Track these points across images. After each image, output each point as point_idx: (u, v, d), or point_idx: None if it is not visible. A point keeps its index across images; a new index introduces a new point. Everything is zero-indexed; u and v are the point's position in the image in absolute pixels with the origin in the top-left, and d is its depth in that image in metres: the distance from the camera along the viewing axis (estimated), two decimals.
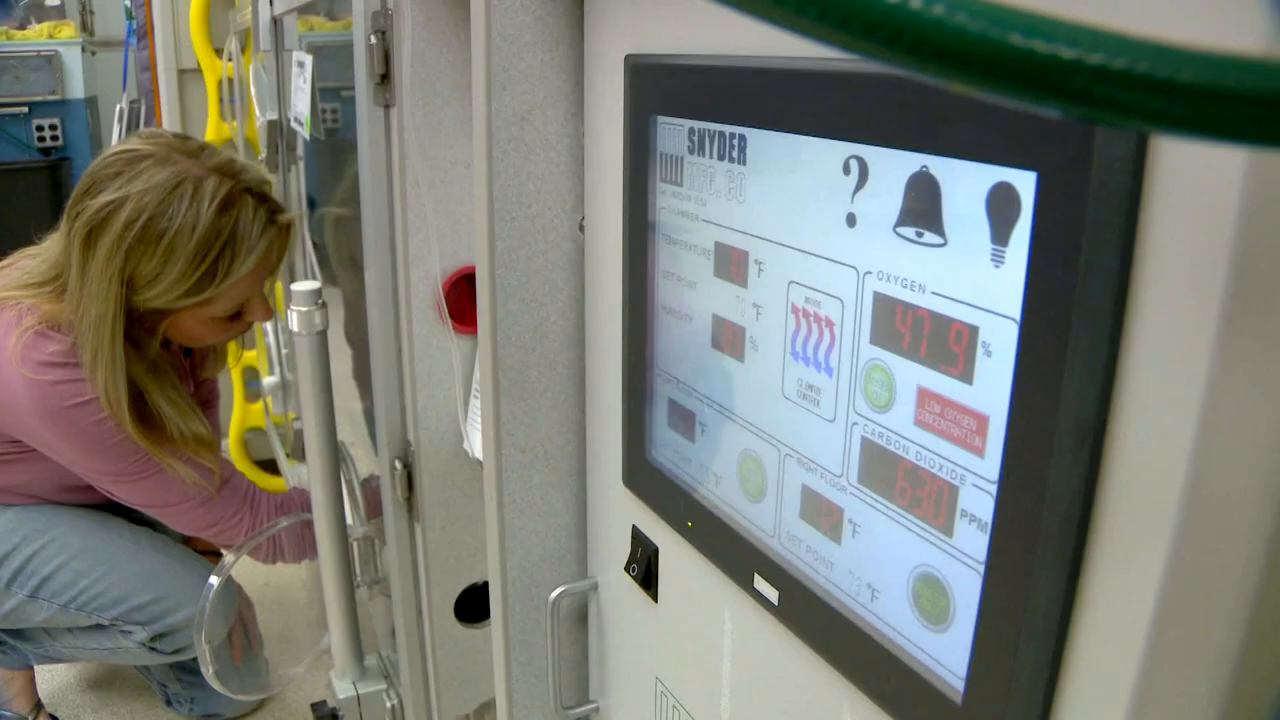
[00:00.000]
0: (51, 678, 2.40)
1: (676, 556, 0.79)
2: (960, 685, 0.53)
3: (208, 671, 1.64)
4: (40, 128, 5.88)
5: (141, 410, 1.72)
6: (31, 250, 1.83)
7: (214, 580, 1.60)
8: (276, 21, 1.95)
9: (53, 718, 2.25)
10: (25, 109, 5.84)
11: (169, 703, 2.29)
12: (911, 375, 0.53)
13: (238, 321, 1.81)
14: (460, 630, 1.27)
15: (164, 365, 1.79)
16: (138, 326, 1.69)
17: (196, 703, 2.25)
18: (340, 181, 2.15)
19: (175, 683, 2.26)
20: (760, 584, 0.67)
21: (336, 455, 1.40)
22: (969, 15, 0.25)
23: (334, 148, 1.85)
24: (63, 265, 1.68)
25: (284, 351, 2.26)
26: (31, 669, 2.23)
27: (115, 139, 4.94)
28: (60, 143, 5.93)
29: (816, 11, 0.26)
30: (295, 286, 1.34)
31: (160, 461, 1.74)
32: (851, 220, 0.55)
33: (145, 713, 2.30)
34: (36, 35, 5.90)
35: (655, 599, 0.84)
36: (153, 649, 1.98)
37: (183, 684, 2.25)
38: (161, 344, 1.78)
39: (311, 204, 2.11)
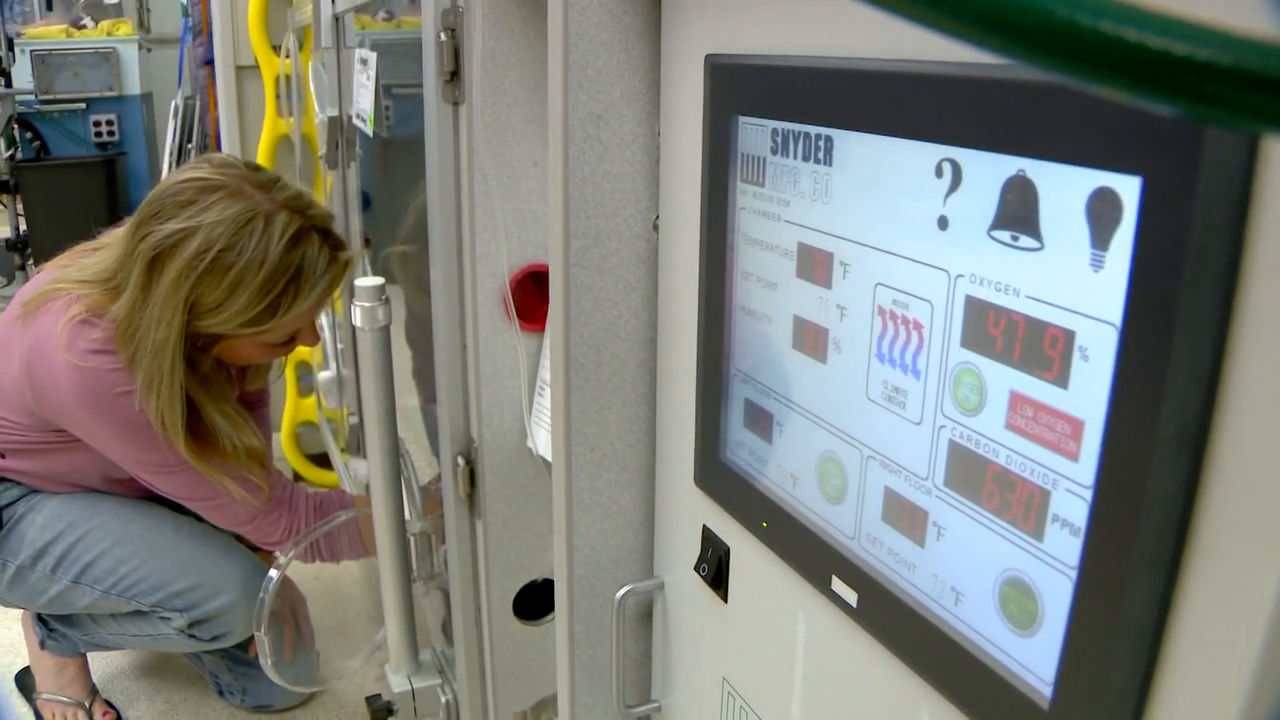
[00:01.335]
0: (105, 666, 2.43)
1: (749, 557, 0.79)
2: (1048, 690, 0.53)
3: (266, 663, 1.66)
4: (97, 123, 5.98)
5: (194, 425, 1.76)
6: (89, 246, 1.86)
7: (274, 574, 1.61)
8: (338, 19, 1.97)
9: (108, 704, 2.27)
10: (83, 105, 5.95)
11: (221, 693, 2.31)
12: (1003, 379, 0.53)
13: (287, 346, 1.85)
14: (518, 627, 1.27)
15: (217, 379, 1.83)
16: (191, 345, 1.72)
17: (248, 694, 2.28)
18: (397, 179, 2.16)
19: (226, 673, 2.28)
20: (838, 586, 0.67)
21: (397, 450, 1.41)
22: (1090, 14, 0.25)
23: (391, 145, 1.86)
24: (119, 274, 1.71)
25: (339, 347, 2.28)
26: (84, 656, 2.27)
27: (170, 135, 5.00)
28: (117, 138, 6.03)
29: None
30: (359, 282, 1.35)
31: (210, 478, 1.78)
32: (943, 223, 0.55)
33: (198, 702, 2.32)
34: (95, 33, 5.99)
35: (725, 599, 0.84)
36: (191, 636, 2.01)
37: (234, 675, 2.27)
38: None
39: (366, 201, 2.12)
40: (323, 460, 3.25)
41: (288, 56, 2.80)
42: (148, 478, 1.83)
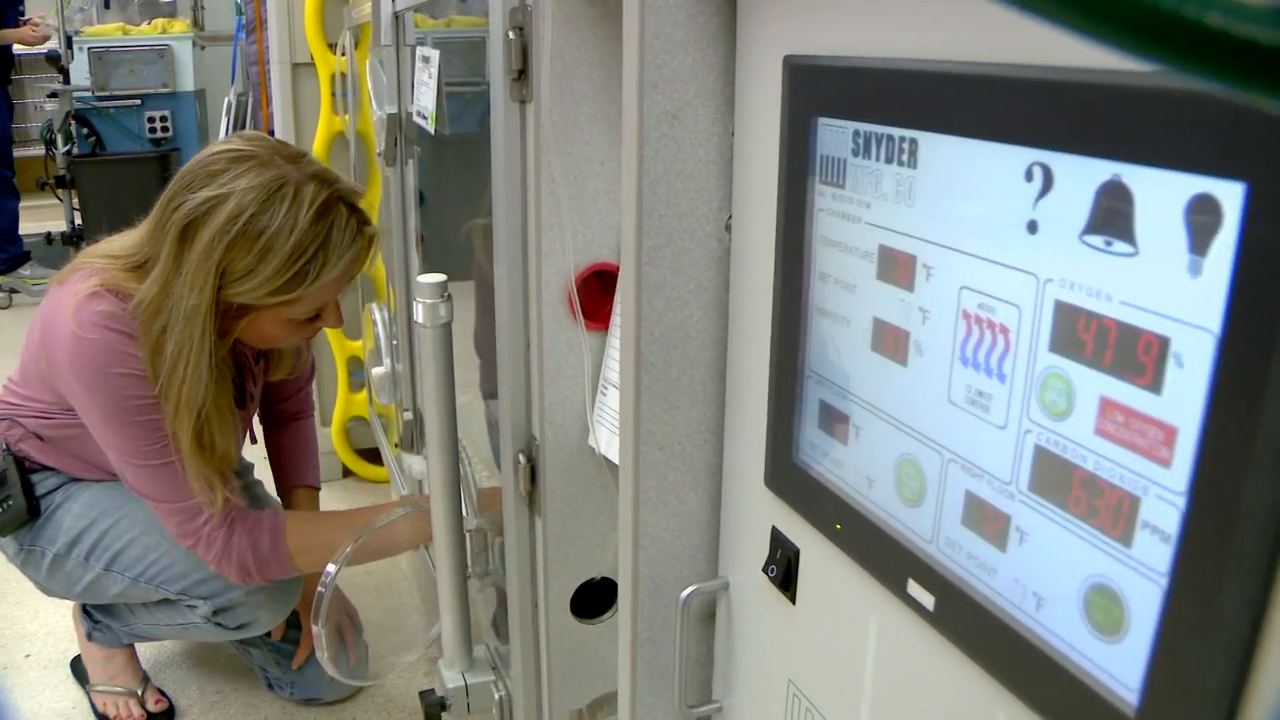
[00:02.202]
0: (157, 656, 2.46)
1: (819, 559, 0.79)
2: (1134, 698, 0.52)
3: (322, 656, 1.67)
4: (152, 119, 6.07)
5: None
6: (127, 232, 1.90)
7: (331, 568, 1.62)
8: (398, 17, 1.98)
9: (160, 691, 2.30)
10: (138, 101, 6.04)
11: (270, 686, 2.33)
12: (1093, 384, 0.53)
13: (311, 325, 1.88)
14: (575, 625, 1.28)
15: (225, 370, 1.86)
16: (217, 321, 1.75)
17: (296, 686, 2.30)
18: (450, 176, 2.18)
19: (275, 666, 2.30)
20: (914, 589, 0.67)
21: (456, 447, 1.42)
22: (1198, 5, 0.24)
23: (442, 142, 1.87)
24: (146, 247, 1.75)
25: (394, 343, 2.29)
26: (131, 647, 2.30)
27: (223, 131, 5.06)
28: (170, 134, 6.12)
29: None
30: (421, 279, 1.36)
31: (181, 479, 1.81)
32: (1033, 227, 0.55)
33: (248, 694, 2.34)
34: (151, 30, 6.09)
35: (793, 600, 0.84)
36: (217, 624, 2.04)
37: (282, 668, 2.30)
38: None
39: (420, 199, 2.14)
40: (373, 455, 3.27)
41: (343, 54, 2.82)
42: (122, 467, 1.87)
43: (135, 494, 1.90)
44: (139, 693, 2.26)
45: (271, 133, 3.74)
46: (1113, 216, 0.50)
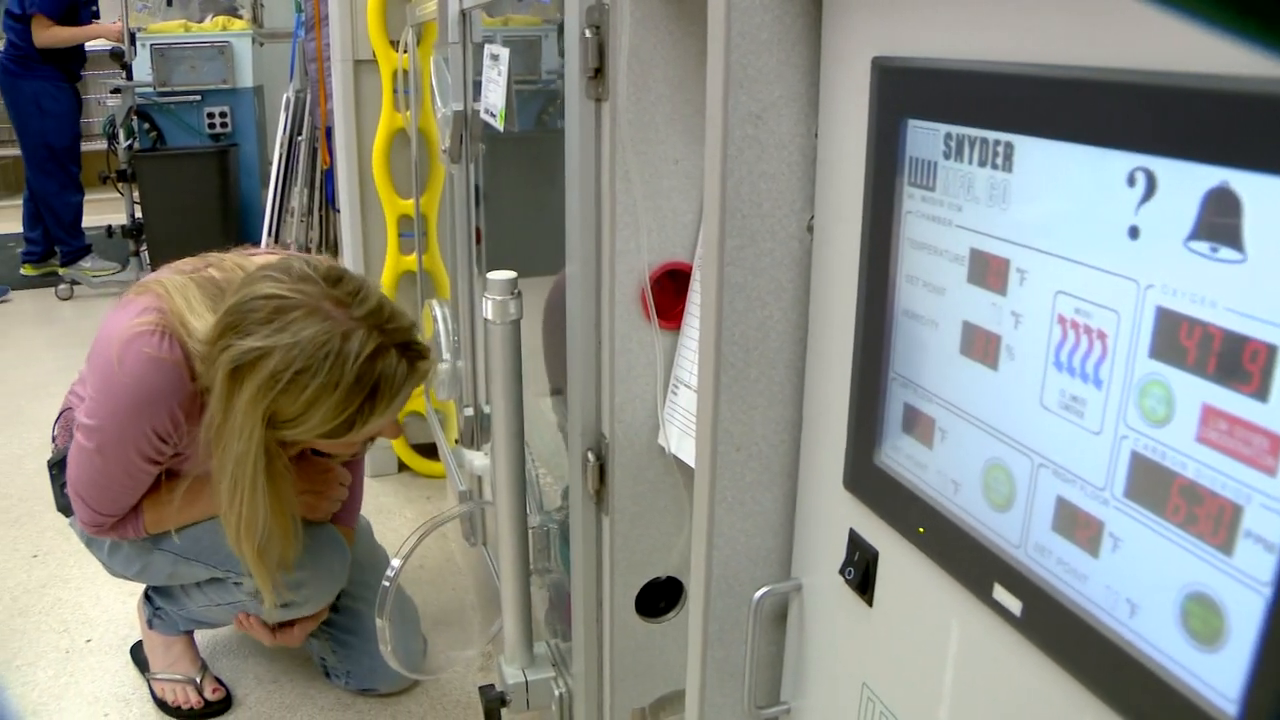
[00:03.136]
0: (215, 645, 2.49)
1: (900, 562, 0.79)
2: (1232, 709, 0.52)
3: (385, 649, 1.69)
4: (211, 115, 6.16)
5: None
6: (201, 262, 1.91)
7: (396, 562, 1.64)
8: (465, 15, 1.99)
9: (218, 680, 2.33)
10: (198, 97, 6.12)
11: (327, 674, 2.36)
12: (1195, 391, 0.52)
13: (368, 442, 1.93)
14: (639, 624, 1.28)
15: (285, 475, 1.88)
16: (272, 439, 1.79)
17: (352, 676, 2.32)
18: (509, 173, 2.19)
19: (332, 655, 2.33)
20: (1000, 594, 0.67)
21: (523, 444, 1.42)
22: None
23: (500, 140, 1.88)
24: (205, 348, 1.74)
25: (455, 340, 2.30)
26: (190, 635, 2.33)
27: (281, 127, 5.11)
28: (229, 129, 6.20)
29: None
30: (491, 275, 1.37)
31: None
32: (1134, 233, 0.55)
33: (304, 683, 2.37)
34: (212, 27, 6.18)
35: (870, 603, 0.84)
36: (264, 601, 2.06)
37: (338, 657, 2.32)
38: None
39: (477, 195, 2.15)
40: (428, 450, 3.29)
41: (405, 51, 2.84)
42: (79, 435, 1.90)
43: (72, 478, 1.95)
44: (197, 680, 2.29)
45: (330, 130, 3.77)
46: (1220, 223, 0.50)
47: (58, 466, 2.07)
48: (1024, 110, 0.61)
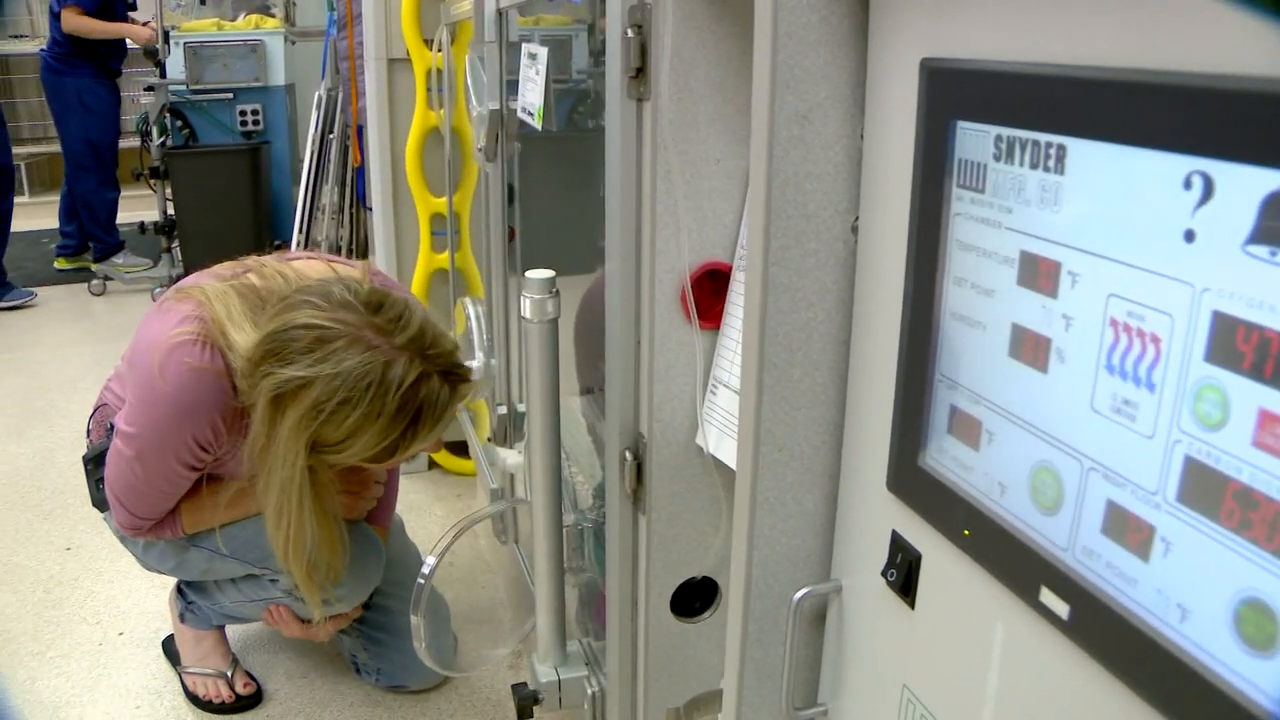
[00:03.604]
0: (245, 640, 2.50)
1: (944, 564, 0.79)
2: None
3: (420, 646, 1.70)
4: (243, 112, 6.20)
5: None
6: (240, 267, 1.91)
7: (431, 560, 1.64)
8: (501, 14, 2.00)
9: (249, 674, 2.34)
10: (230, 95, 6.16)
11: (358, 671, 2.36)
12: (1252, 396, 0.52)
13: (411, 460, 1.91)
14: (674, 623, 1.28)
15: (329, 488, 1.89)
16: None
17: (383, 673, 2.32)
18: (545, 171, 2.19)
19: (363, 652, 2.33)
20: (1047, 598, 0.67)
21: (559, 442, 1.43)
22: None
23: (533, 139, 1.88)
24: (247, 366, 1.73)
25: (487, 339, 2.31)
26: (221, 629, 2.35)
27: (312, 125, 5.12)
28: (261, 127, 6.24)
29: None
30: (530, 274, 1.38)
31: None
32: (1190, 236, 0.55)
33: (334, 679, 2.38)
34: (244, 25, 6.22)
35: (912, 605, 0.83)
36: (299, 599, 2.08)
37: (369, 654, 2.32)
38: None
39: (510, 194, 2.16)
40: (459, 448, 3.30)
41: (439, 50, 2.85)
42: (118, 442, 1.90)
43: (110, 478, 1.95)
44: (228, 675, 2.30)
45: (361, 128, 3.79)
46: None
47: (93, 462, 2.08)
48: (1078, 113, 0.61)
